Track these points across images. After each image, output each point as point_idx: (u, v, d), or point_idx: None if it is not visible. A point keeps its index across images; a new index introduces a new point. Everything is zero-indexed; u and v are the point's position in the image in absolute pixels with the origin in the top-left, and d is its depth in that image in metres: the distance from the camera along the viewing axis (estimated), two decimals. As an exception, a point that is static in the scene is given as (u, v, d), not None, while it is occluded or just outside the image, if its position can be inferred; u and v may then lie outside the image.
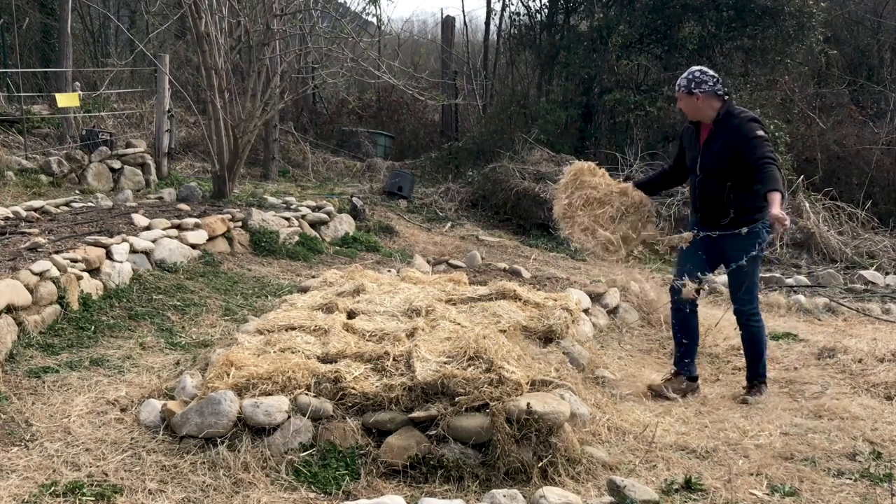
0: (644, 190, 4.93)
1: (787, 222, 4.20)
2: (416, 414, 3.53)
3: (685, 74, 4.68)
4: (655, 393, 4.72)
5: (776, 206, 4.19)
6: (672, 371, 4.90)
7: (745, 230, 4.49)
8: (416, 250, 9.31)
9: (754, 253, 4.46)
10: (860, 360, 5.33)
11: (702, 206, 4.73)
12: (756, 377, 4.78)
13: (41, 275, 5.13)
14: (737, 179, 4.54)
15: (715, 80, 4.63)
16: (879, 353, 5.43)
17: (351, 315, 4.80)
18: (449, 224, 11.36)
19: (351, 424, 3.55)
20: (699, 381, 4.88)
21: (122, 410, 3.96)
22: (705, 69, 4.70)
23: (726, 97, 4.66)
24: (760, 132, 4.51)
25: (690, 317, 4.85)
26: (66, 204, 8.32)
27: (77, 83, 12.30)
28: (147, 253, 6.61)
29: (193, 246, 7.20)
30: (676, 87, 4.71)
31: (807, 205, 11.04)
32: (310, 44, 11.19)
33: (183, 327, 5.58)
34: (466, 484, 3.32)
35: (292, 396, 3.63)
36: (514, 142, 13.51)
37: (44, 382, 4.29)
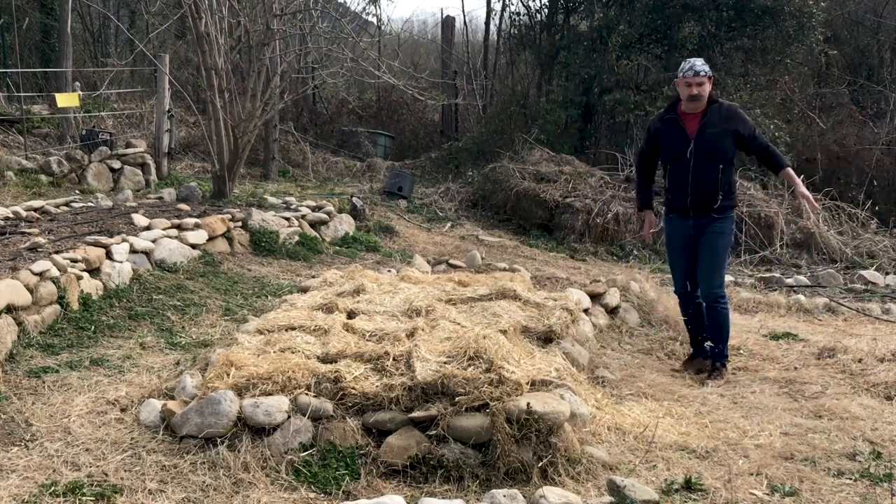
0: (651, 204, 5.49)
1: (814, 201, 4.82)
2: (416, 414, 3.53)
3: (697, 63, 4.93)
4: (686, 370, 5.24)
5: (801, 184, 4.95)
6: (690, 353, 5.43)
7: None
8: (416, 250, 9.31)
9: (731, 239, 5.10)
10: (860, 360, 5.33)
11: (693, 191, 4.99)
12: (720, 359, 5.09)
13: (41, 275, 5.13)
14: (727, 163, 4.99)
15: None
16: (879, 353, 5.43)
17: (351, 315, 4.80)
18: (449, 224, 11.36)
19: (351, 424, 3.55)
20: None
21: (122, 410, 3.96)
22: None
23: None
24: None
25: (699, 311, 5.26)
26: (66, 204, 8.31)
27: (77, 83, 12.31)
28: (147, 253, 6.61)
29: (193, 246, 7.19)
30: (698, 73, 4.88)
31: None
32: (310, 44, 11.19)
33: (183, 327, 5.57)
34: (466, 484, 3.31)
35: (292, 396, 3.63)
36: (514, 142, 13.51)
37: (44, 382, 4.29)
